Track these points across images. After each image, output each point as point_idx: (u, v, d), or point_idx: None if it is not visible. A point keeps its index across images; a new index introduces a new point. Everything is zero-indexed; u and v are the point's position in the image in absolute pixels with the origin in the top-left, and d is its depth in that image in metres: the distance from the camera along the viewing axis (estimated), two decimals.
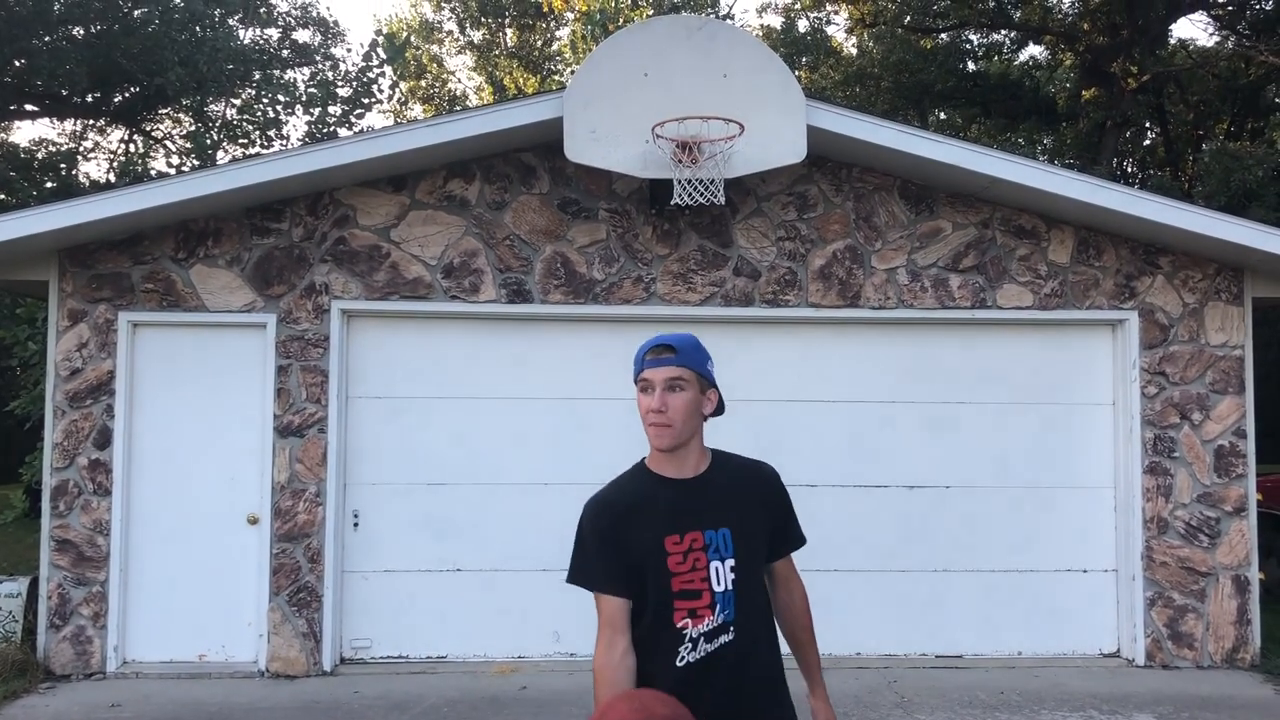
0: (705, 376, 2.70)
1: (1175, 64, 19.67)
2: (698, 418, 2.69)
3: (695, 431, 2.70)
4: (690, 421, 2.67)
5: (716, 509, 2.70)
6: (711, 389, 2.73)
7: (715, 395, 2.74)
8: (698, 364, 2.68)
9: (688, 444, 2.70)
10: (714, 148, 6.74)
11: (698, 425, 2.70)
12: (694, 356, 2.69)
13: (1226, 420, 7.52)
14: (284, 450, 7.20)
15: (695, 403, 2.67)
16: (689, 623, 2.62)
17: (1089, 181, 7.31)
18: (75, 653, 7.08)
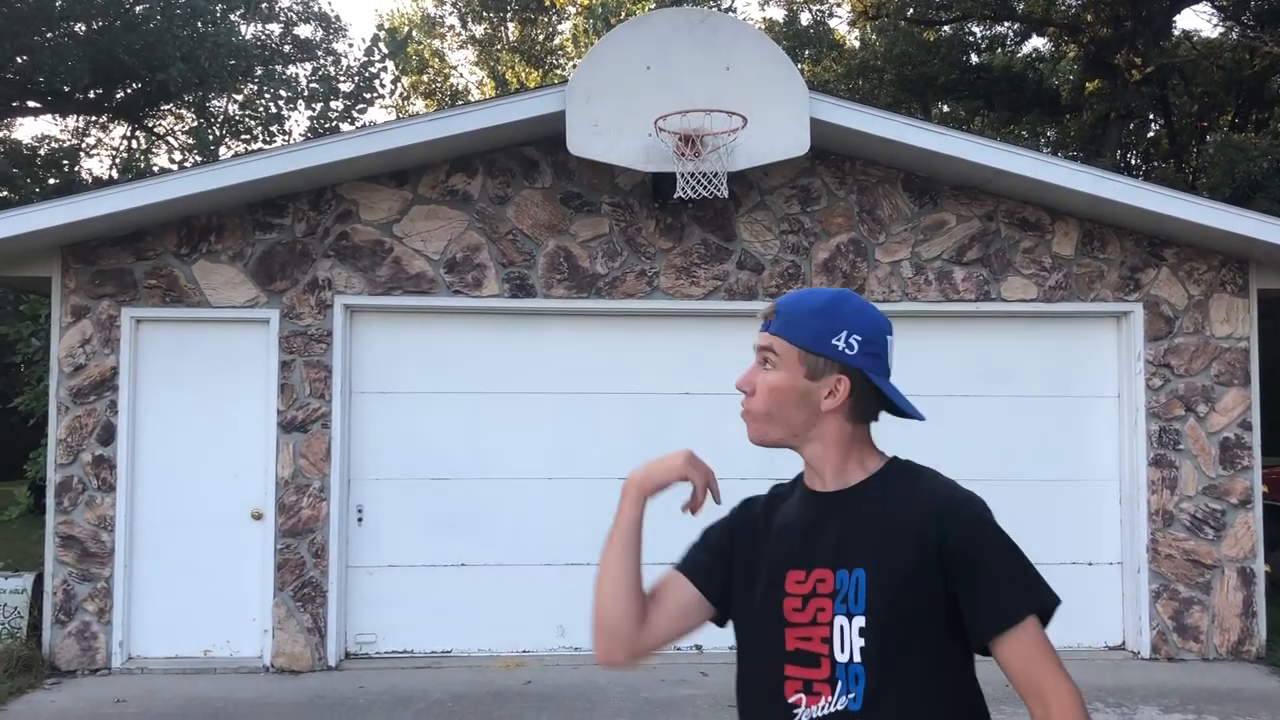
0: (817, 352, 1.83)
1: (1179, 55, 19.61)
2: (805, 411, 1.85)
3: (804, 430, 1.87)
4: (785, 413, 1.87)
5: (855, 540, 1.81)
6: (837, 374, 1.82)
7: (844, 384, 1.82)
8: (802, 336, 1.84)
9: (810, 446, 1.89)
10: (717, 141, 6.72)
11: (810, 422, 1.86)
12: (799, 324, 1.85)
13: (1232, 412, 7.51)
14: (288, 446, 7.20)
15: (793, 389, 1.85)
16: (802, 699, 1.80)
17: (1093, 173, 7.29)
18: (80, 648, 7.09)
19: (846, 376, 1.83)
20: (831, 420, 1.85)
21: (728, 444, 7.89)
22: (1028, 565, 1.79)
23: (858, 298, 1.90)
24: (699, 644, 7.45)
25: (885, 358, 1.84)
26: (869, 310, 1.87)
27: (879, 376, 1.83)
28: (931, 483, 1.84)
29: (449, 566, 7.41)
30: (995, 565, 1.76)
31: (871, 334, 1.83)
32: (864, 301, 1.89)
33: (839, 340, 1.82)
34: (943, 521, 1.76)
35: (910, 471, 1.89)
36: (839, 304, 1.86)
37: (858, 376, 1.83)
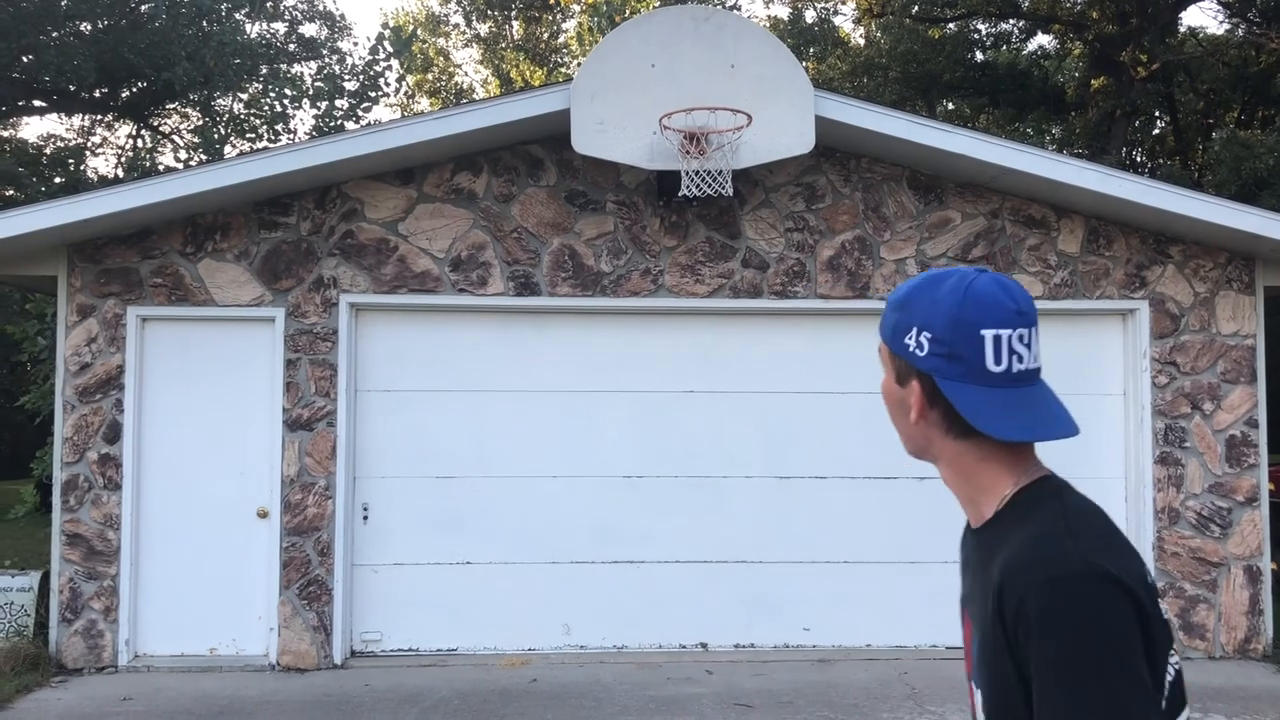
0: (895, 353, 1.55)
1: (1185, 52, 19.57)
2: (911, 427, 1.56)
3: (926, 444, 1.57)
4: (896, 422, 1.61)
5: (973, 594, 1.53)
6: (913, 377, 1.51)
7: (917, 393, 1.51)
8: (885, 331, 1.58)
9: (939, 467, 1.59)
10: (721, 139, 6.72)
11: (926, 435, 1.55)
12: (885, 317, 1.58)
13: (1238, 410, 7.49)
14: (293, 444, 7.21)
15: (890, 395, 1.59)
16: None
17: (1099, 170, 7.27)
18: (87, 646, 7.10)
19: (917, 382, 1.50)
20: (933, 435, 1.53)
21: (731, 442, 7.94)
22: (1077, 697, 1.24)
23: (957, 279, 1.48)
24: (704, 642, 7.46)
25: (971, 357, 1.43)
26: (952, 297, 1.45)
27: (951, 382, 1.44)
28: (1026, 529, 1.40)
29: (454, 565, 7.41)
30: (1039, 680, 1.29)
31: (943, 330, 1.44)
32: (957, 284, 1.47)
33: (910, 338, 1.49)
34: (1000, 596, 1.36)
35: (1030, 505, 1.45)
36: (921, 291, 1.50)
37: (928, 382, 1.48)
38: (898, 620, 7.49)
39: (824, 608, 7.48)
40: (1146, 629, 1.28)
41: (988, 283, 1.45)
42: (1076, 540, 1.33)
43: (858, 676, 6.87)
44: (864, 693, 6.53)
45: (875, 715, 6.10)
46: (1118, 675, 1.23)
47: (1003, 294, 1.44)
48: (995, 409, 1.42)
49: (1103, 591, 1.27)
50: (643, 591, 7.42)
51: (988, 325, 1.43)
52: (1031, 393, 1.44)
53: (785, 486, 7.53)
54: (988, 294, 1.44)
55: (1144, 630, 1.28)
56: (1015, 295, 1.45)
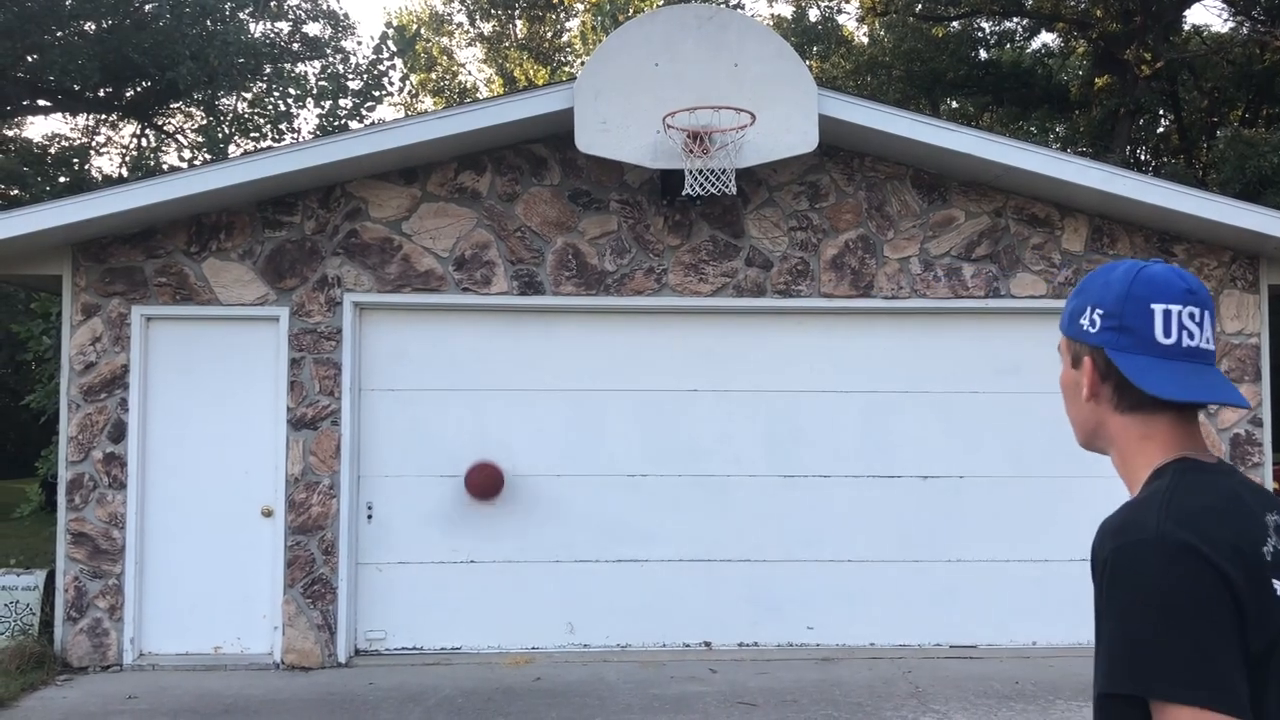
0: (1071, 336, 1.60)
1: (1189, 50, 19.55)
2: (1080, 405, 1.61)
3: (1096, 430, 1.60)
4: (1071, 410, 1.64)
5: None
6: (1086, 356, 1.57)
7: (1089, 369, 1.56)
8: (1064, 322, 1.63)
9: (1111, 453, 1.61)
10: (725, 138, 6.72)
11: (1096, 419, 1.59)
12: (1065, 310, 1.63)
13: (1242, 409, 7.47)
14: (298, 443, 7.22)
15: (1066, 382, 1.64)
16: None
17: (1103, 169, 7.27)
18: (92, 645, 7.12)
19: (1089, 357, 1.55)
20: (1104, 414, 1.56)
21: (735, 441, 7.94)
22: (1128, 634, 1.33)
23: (1131, 264, 1.55)
24: (708, 640, 7.46)
25: (1142, 329, 1.48)
26: (1124, 277, 1.53)
27: (1125, 355, 1.49)
28: (1131, 501, 1.49)
29: (458, 563, 7.42)
30: (1104, 627, 1.38)
31: (1115, 304, 1.51)
32: (1130, 267, 1.54)
33: (1085, 319, 1.56)
34: (1094, 558, 1.45)
35: (1153, 480, 1.49)
36: (1096, 276, 1.58)
37: (1101, 356, 1.53)
38: (901, 619, 7.49)
39: (827, 606, 7.48)
40: (1236, 599, 1.30)
41: (1160, 267, 1.53)
42: (1164, 511, 1.37)
43: (861, 675, 6.87)
44: (868, 691, 6.53)
45: (879, 714, 6.11)
46: (1163, 639, 1.28)
47: (1174, 275, 1.51)
48: (1161, 373, 1.46)
49: (1169, 557, 1.31)
50: (646, 590, 7.42)
51: (1158, 300, 1.49)
52: (1200, 368, 1.48)
53: (789, 485, 7.53)
54: (1159, 274, 1.51)
55: (1232, 599, 1.30)
56: (1186, 277, 1.51)
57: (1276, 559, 1.36)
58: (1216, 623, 1.29)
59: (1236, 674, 1.28)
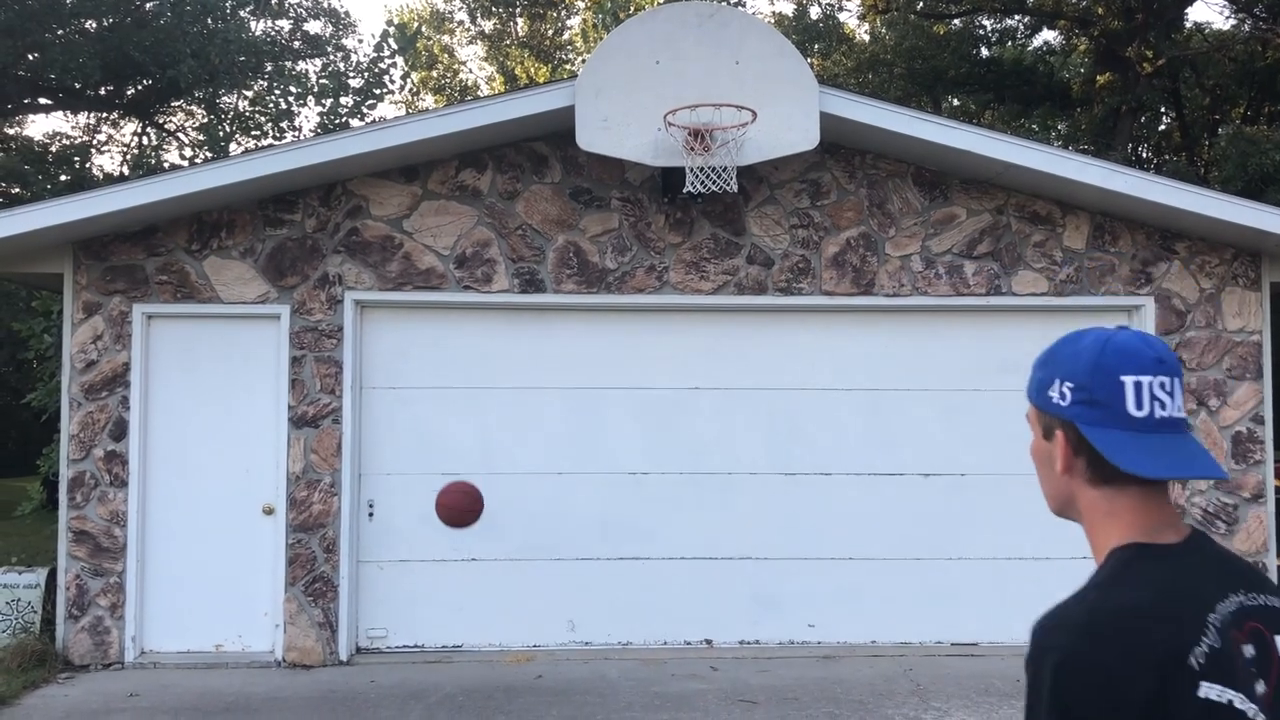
0: (1041, 408, 1.57)
1: (1191, 48, 19.51)
2: (1054, 478, 1.57)
3: (1069, 502, 1.57)
4: (1043, 480, 1.62)
5: None
6: (1058, 427, 1.53)
7: (1062, 443, 1.53)
8: (1031, 390, 1.61)
9: (1085, 524, 1.57)
10: (726, 135, 6.71)
11: (1068, 492, 1.56)
12: (1031, 377, 1.62)
13: (1244, 406, 7.48)
14: (299, 441, 7.22)
15: (1037, 451, 1.61)
16: None
17: (1104, 166, 7.26)
18: (93, 643, 7.12)
19: (1061, 431, 1.52)
20: (1077, 487, 1.53)
21: (736, 438, 7.93)
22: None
23: (1098, 333, 1.53)
24: (709, 638, 7.46)
25: (1112, 402, 1.45)
26: (1092, 347, 1.51)
27: (1096, 428, 1.46)
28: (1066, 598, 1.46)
29: (459, 561, 7.42)
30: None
31: (1084, 376, 1.48)
32: (1098, 337, 1.52)
33: (1054, 390, 1.53)
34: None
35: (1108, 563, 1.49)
36: (1063, 345, 1.56)
37: (1071, 430, 1.50)
38: (902, 617, 7.49)
39: (829, 604, 7.47)
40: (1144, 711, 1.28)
41: (1128, 335, 1.50)
42: (1094, 611, 1.37)
43: (862, 673, 6.87)
44: (868, 689, 6.53)
45: (880, 712, 6.11)
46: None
47: (1142, 344, 1.48)
48: (1136, 449, 1.43)
49: (1071, 669, 1.31)
50: (648, 588, 7.43)
51: (1128, 371, 1.46)
52: (1175, 439, 1.45)
53: (790, 483, 7.53)
54: (1128, 343, 1.48)
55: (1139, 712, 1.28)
56: (1155, 345, 1.49)
57: (1211, 661, 1.30)
58: None
59: None
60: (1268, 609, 1.42)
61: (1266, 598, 1.44)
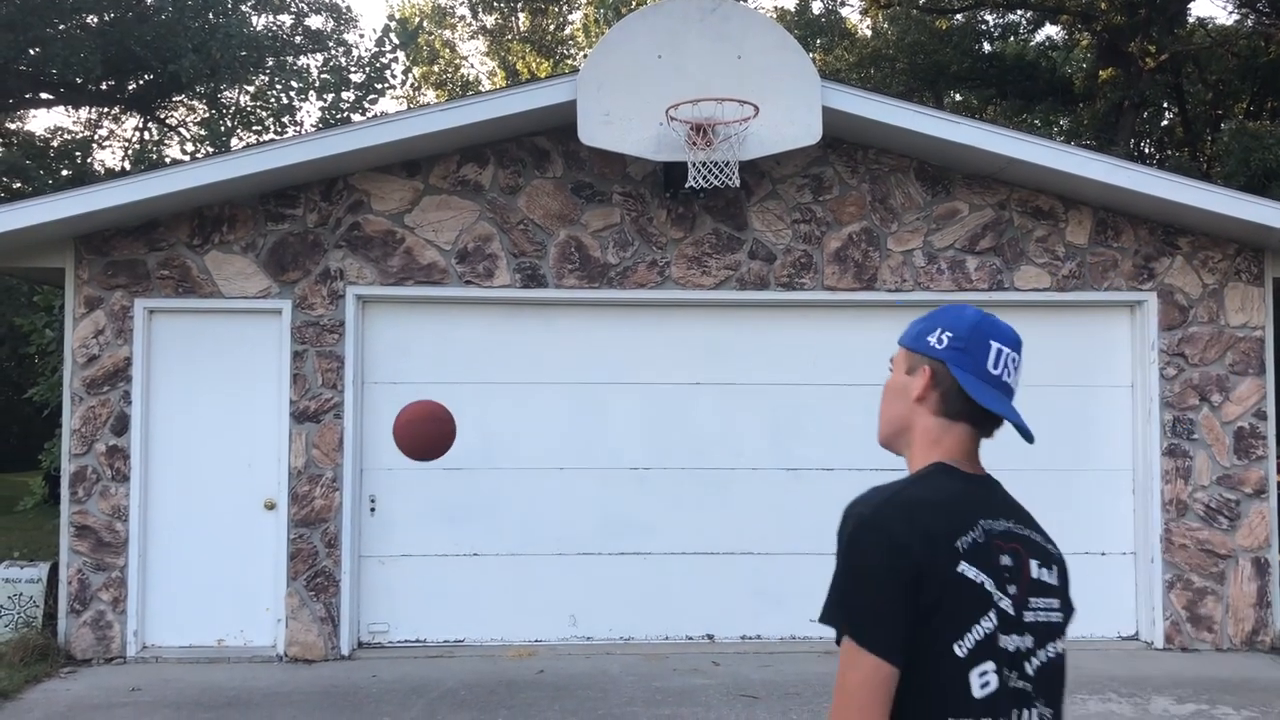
0: (913, 349, 1.96)
1: (1194, 43, 19.46)
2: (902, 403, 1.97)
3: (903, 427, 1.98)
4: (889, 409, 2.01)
5: None
6: (926, 364, 1.92)
7: (926, 374, 1.91)
8: (907, 336, 1.99)
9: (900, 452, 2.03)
10: (728, 130, 6.70)
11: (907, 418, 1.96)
12: (910, 329, 2.00)
13: (1247, 402, 7.47)
14: (300, 436, 7.22)
15: (895, 385, 2.00)
16: None
17: (1107, 161, 7.25)
18: (95, 637, 7.13)
19: (929, 367, 1.90)
20: (920, 415, 1.92)
21: (738, 434, 7.93)
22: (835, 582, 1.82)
23: (978, 310, 1.94)
24: (711, 633, 7.47)
25: (978, 356, 1.86)
26: (975, 315, 1.92)
27: (962, 370, 1.86)
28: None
29: (461, 556, 7.42)
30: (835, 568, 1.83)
31: (966, 332, 1.88)
32: (980, 312, 1.94)
33: (932, 336, 1.92)
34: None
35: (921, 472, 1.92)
36: (946, 311, 1.95)
37: (941, 368, 1.89)
38: None
39: None
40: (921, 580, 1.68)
41: (1001, 320, 1.93)
42: (892, 496, 1.78)
43: None
44: None
45: None
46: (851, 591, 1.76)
47: (1009, 327, 1.93)
48: (987, 394, 1.86)
49: (871, 533, 1.73)
50: (649, 583, 7.43)
51: (996, 339, 1.89)
52: (1008, 399, 1.90)
53: (792, 478, 7.52)
54: (1000, 322, 1.92)
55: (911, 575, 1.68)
56: (1017, 333, 1.94)
57: (973, 549, 1.73)
58: (887, 588, 1.69)
59: (891, 625, 1.68)
60: (1030, 540, 1.88)
61: (1031, 533, 1.90)
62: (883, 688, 1.67)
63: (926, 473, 1.88)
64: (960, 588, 1.70)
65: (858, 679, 1.68)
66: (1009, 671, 1.75)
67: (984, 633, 1.71)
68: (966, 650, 1.70)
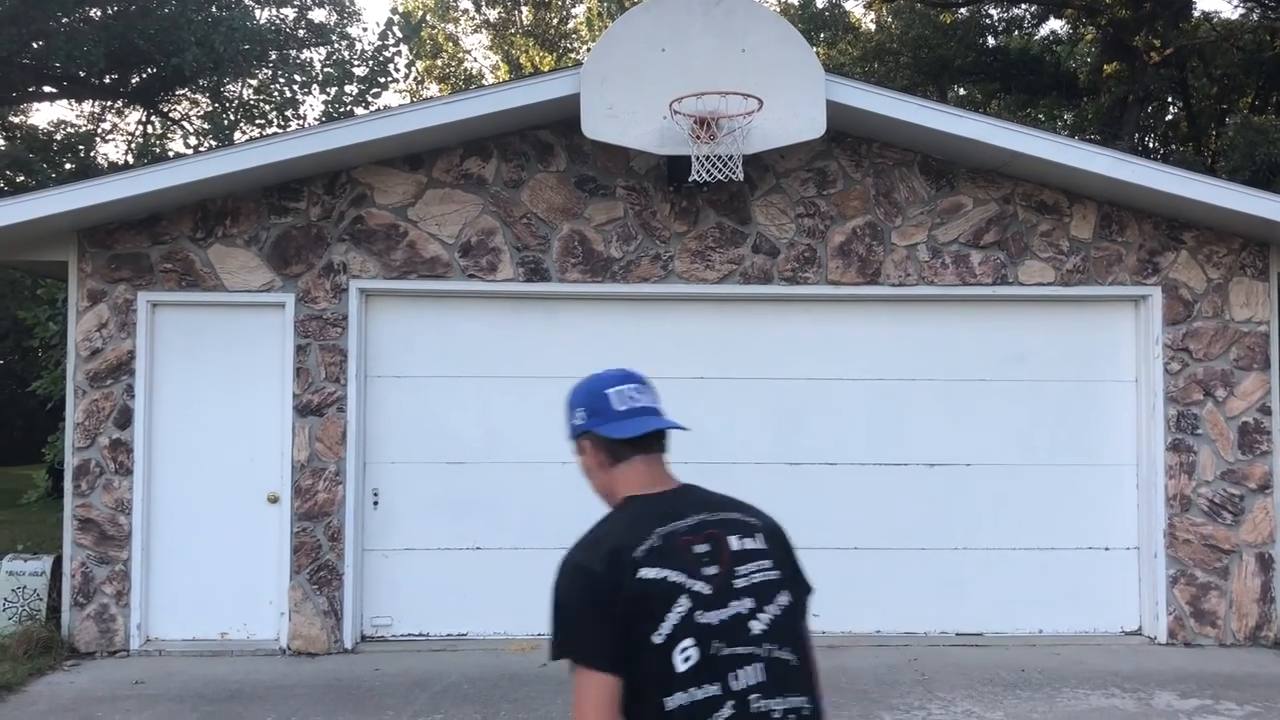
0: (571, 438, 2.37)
1: (1199, 37, 19.41)
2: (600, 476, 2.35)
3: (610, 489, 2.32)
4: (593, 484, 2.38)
5: None
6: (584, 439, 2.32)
7: (589, 449, 2.31)
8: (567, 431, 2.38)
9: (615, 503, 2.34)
10: (732, 123, 6.69)
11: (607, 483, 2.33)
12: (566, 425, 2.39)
13: (1251, 397, 7.45)
14: (303, 429, 7.22)
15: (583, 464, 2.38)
16: None
17: (1111, 155, 7.23)
18: (99, 631, 7.14)
19: (587, 440, 2.30)
20: (607, 474, 2.29)
21: (742, 429, 7.92)
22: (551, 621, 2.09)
23: (587, 376, 2.35)
24: None
25: (603, 408, 2.25)
26: (586, 383, 2.33)
27: (601, 426, 2.25)
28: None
29: (464, 550, 7.43)
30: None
31: (586, 399, 2.29)
32: (589, 377, 2.34)
33: (574, 420, 2.33)
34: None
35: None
36: (573, 392, 2.34)
37: (591, 436, 2.28)
38: (907, 607, 7.48)
39: (833, 594, 7.42)
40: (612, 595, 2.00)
41: (608, 371, 2.34)
42: (580, 541, 2.15)
43: (867, 662, 6.87)
44: (873, 678, 6.53)
45: (885, 701, 6.11)
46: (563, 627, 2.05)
47: (615, 370, 2.33)
48: (619, 426, 2.22)
49: (568, 574, 2.09)
50: None
51: (607, 387, 2.27)
52: (646, 418, 2.25)
53: (795, 473, 7.52)
54: (605, 373, 2.32)
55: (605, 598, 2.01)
56: (624, 370, 2.34)
57: (646, 554, 2.05)
58: (584, 613, 2.03)
59: (600, 642, 1.99)
60: (726, 520, 2.19)
61: (728, 514, 2.21)
62: (607, 697, 1.99)
63: (615, 508, 2.23)
64: (645, 588, 2.02)
65: (587, 695, 1.99)
66: (717, 642, 2.03)
67: (678, 617, 2.02)
68: (664, 636, 2.00)
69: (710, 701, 2.00)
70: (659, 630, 2.00)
